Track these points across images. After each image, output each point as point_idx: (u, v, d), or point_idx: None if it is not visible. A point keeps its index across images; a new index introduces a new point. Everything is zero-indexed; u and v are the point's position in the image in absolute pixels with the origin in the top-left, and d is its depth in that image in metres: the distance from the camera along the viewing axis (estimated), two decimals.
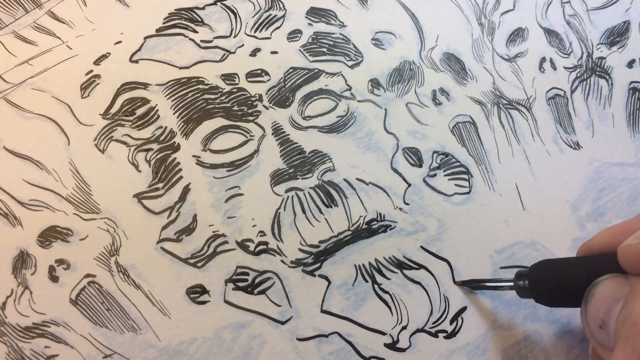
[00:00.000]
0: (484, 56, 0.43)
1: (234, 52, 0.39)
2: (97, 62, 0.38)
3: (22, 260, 0.35)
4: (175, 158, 0.37)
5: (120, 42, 0.38)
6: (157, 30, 0.39)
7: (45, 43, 0.37)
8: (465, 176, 0.41)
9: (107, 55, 0.38)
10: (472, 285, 0.38)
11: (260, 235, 0.37)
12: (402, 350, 0.37)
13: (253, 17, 0.40)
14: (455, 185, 0.40)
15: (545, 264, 0.33)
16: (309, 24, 0.41)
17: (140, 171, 0.37)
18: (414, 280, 0.38)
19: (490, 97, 0.43)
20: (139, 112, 0.37)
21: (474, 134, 0.42)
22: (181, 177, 0.37)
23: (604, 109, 0.45)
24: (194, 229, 0.36)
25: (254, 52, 0.39)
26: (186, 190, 0.37)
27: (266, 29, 0.40)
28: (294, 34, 0.40)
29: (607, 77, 0.45)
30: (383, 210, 0.38)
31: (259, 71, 0.39)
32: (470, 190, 0.40)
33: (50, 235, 0.35)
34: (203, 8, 0.40)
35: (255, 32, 0.40)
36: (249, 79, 0.39)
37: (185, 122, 0.38)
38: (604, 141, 0.44)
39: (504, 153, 0.42)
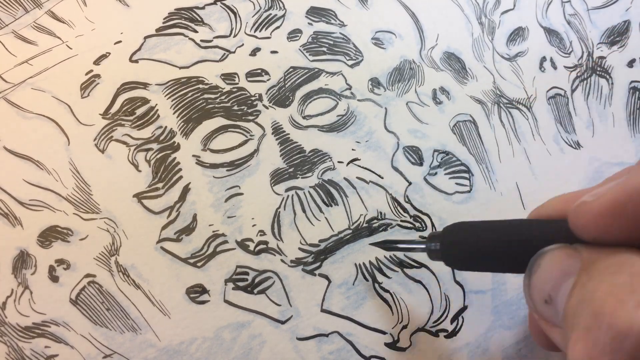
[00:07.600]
0: (485, 55, 0.43)
1: (233, 52, 0.39)
2: (97, 62, 0.38)
3: (22, 260, 0.35)
4: (175, 158, 0.37)
5: (120, 41, 0.38)
6: (157, 30, 0.39)
7: (45, 43, 0.37)
8: (466, 175, 0.41)
9: (107, 55, 0.38)
10: (385, 247, 0.36)
11: (260, 235, 0.37)
12: (403, 349, 0.37)
13: (253, 16, 0.40)
14: (456, 184, 0.40)
15: (460, 226, 0.31)
16: (308, 23, 0.41)
17: (140, 171, 0.37)
18: (415, 279, 0.38)
19: (491, 96, 0.43)
20: (139, 112, 0.37)
21: (474, 132, 0.42)
22: (181, 177, 0.37)
23: (604, 108, 0.45)
24: (194, 228, 0.36)
25: (254, 52, 0.39)
26: (186, 190, 0.37)
27: (266, 29, 0.40)
28: (294, 34, 0.40)
29: (608, 76, 0.45)
30: (383, 208, 0.38)
31: (259, 71, 0.39)
32: (471, 189, 0.40)
33: (50, 235, 0.35)
34: (203, 8, 0.40)
35: (255, 32, 0.40)
36: (248, 79, 0.39)
37: (185, 122, 0.37)
38: (604, 141, 0.44)
39: (504, 152, 0.42)
